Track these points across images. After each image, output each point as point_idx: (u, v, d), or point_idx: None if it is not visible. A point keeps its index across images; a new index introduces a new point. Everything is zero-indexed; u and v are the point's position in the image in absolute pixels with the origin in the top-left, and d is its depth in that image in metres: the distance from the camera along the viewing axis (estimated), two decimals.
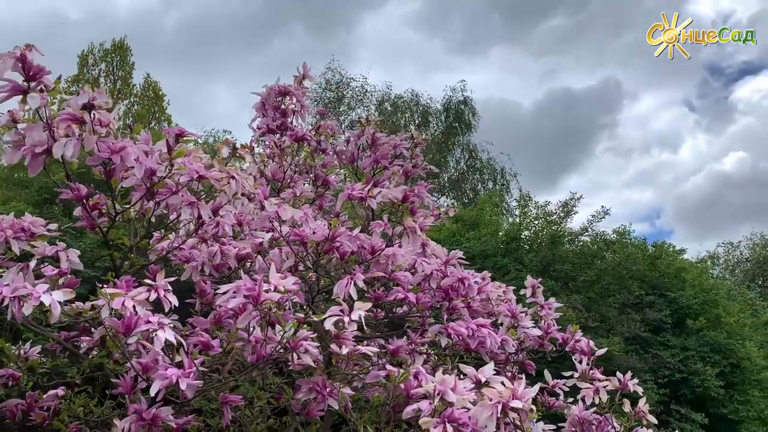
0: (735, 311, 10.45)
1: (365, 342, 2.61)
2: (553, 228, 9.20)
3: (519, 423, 2.08)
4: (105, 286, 2.06)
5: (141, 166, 2.19)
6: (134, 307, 1.97)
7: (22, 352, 2.76)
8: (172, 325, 1.98)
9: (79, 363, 2.71)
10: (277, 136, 3.84)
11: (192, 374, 1.86)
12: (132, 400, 1.99)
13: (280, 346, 2.03)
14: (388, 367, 2.44)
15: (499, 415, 1.99)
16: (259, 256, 2.90)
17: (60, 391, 2.70)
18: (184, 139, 2.58)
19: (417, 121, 23.81)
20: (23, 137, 2.19)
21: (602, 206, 9.67)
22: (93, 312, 2.22)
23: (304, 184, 3.61)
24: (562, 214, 9.61)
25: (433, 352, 3.26)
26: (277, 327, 2.11)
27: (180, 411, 2.06)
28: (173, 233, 2.87)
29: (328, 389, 2.30)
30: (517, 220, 9.69)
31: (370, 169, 3.80)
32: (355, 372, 2.62)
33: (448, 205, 10.52)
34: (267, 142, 3.76)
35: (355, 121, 24.27)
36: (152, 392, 1.80)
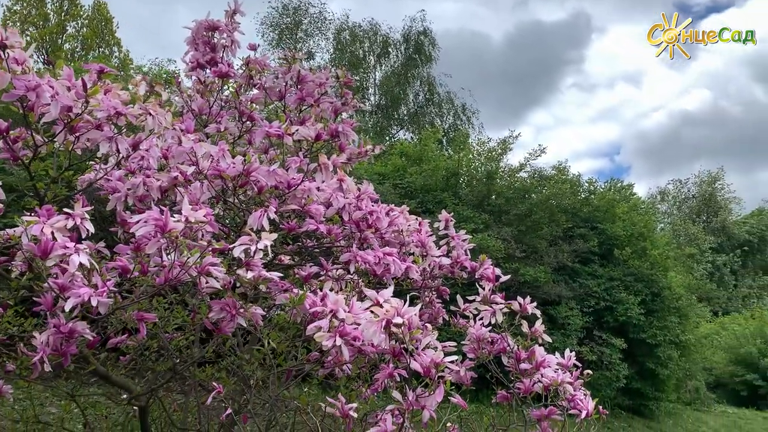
0: (661, 244, 11.11)
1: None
2: (491, 164, 9.54)
3: (402, 336, 2.38)
4: (28, 214, 2.25)
5: (57, 103, 2.34)
6: (52, 233, 2.17)
7: None
8: (88, 251, 2.19)
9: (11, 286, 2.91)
10: (207, 71, 3.95)
11: (104, 293, 2.09)
12: (52, 316, 2.22)
13: (185, 272, 2.27)
14: (294, 290, 2.72)
15: (384, 329, 2.29)
16: (180, 188, 3.09)
17: None
18: (106, 74, 2.72)
19: (376, 52, 23.55)
20: None
21: (539, 145, 10.02)
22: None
23: (229, 119, 3.76)
24: (500, 151, 9.96)
25: (357, 280, 3.54)
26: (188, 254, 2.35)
27: (94, 327, 2.30)
28: (99, 165, 3.02)
29: (236, 309, 2.57)
30: (457, 156, 9.98)
31: (297, 107, 3.95)
32: (266, 295, 2.88)
33: (402, 146, 10.64)
34: (194, 78, 3.87)
35: (313, 51, 23.79)
36: (66, 308, 2.02)
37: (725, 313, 25.44)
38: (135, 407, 3.14)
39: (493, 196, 9.12)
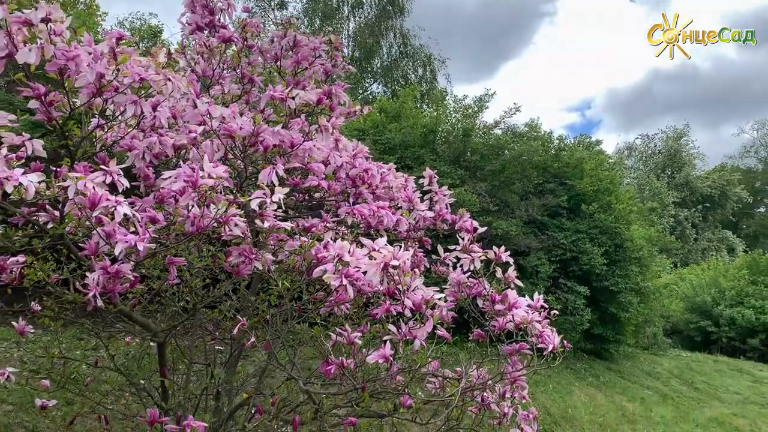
0: (624, 198, 11.69)
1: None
2: (467, 121, 9.87)
3: (397, 277, 2.78)
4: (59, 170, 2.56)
5: (92, 71, 2.61)
6: (93, 187, 2.49)
7: None
8: (126, 203, 2.52)
9: (42, 234, 3.21)
10: (206, 33, 4.18)
11: (146, 239, 2.43)
12: (97, 259, 2.55)
13: (214, 221, 2.61)
14: (302, 238, 3.08)
15: (381, 271, 2.67)
16: (193, 146, 3.39)
17: (21, 258, 3.23)
18: (124, 41, 2.99)
19: (350, 2, 23.35)
20: None
21: (514, 103, 10.35)
22: (51, 191, 2.71)
23: (231, 81, 4.02)
24: (476, 108, 10.29)
25: (346, 230, 3.89)
26: (212, 206, 2.68)
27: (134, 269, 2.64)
28: (115, 125, 3.30)
29: (254, 254, 2.93)
30: (435, 113, 10.27)
31: (292, 69, 4.22)
32: (277, 243, 3.24)
33: (379, 101, 10.84)
34: (196, 40, 4.10)
35: (286, 1, 23.43)
36: (117, 252, 2.36)
37: (685, 265, 26.58)
38: (154, 343, 3.49)
39: (469, 153, 9.48)
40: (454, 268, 4.02)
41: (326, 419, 3.22)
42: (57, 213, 3.20)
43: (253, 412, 3.84)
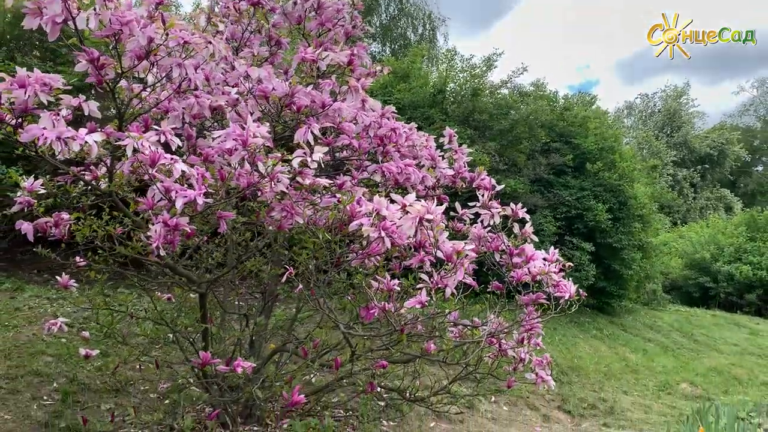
0: (628, 157, 11.86)
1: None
2: (476, 81, 9.95)
3: (431, 230, 2.97)
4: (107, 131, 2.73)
5: (144, 36, 2.76)
6: (149, 146, 2.67)
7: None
8: (181, 161, 2.70)
9: (90, 192, 3.40)
10: None
11: (202, 193, 2.62)
12: (155, 213, 2.74)
13: (260, 176, 2.80)
14: (338, 195, 3.27)
15: (417, 224, 2.87)
16: (230, 107, 3.55)
17: (65, 215, 3.42)
18: (163, 6, 3.13)
19: None
20: (39, 7, 2.69)
21: (522, 63, 10.40)
22: (99, 151, 2.88)
23: (259, 44, 4.15)
24: (484, 68, 10.35)
25: (368, 187, 4.07)
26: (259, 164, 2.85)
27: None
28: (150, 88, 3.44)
29: (295, 209, 3.12)
30: (444, 73, 10.34)
31: (316, 31, 4.34)
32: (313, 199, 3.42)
33: (380, 61, 10.85)
34: (223, 4, 4.21)
35: None
36: (177, 206, 2.55)
37: (684, 224, 26.88)
38: (196, 293, 3.71)
39: (477, 113, 9.59)
40: (471, 224, 4.21)
41: (361, 362, 3.47)
42: (99, 172, 3.40)
43: (290, 354, 4.10)
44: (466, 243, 3.96)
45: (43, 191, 3.52)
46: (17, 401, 4.39)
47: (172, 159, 2.66)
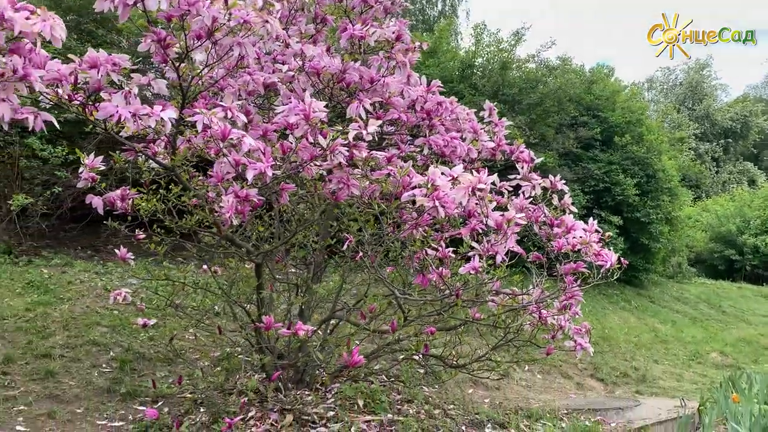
0: (655, 129, 11.81)
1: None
2: (504, 55, 9.96)
3: (482, 199, 3.09)
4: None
5: (209, 15, 2.89)
6: (217, 122, 2.81)
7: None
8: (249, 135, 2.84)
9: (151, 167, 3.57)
10: None
11: (270, 166, 2.76)
12: (224, 186, 2.90)
13: (321, 149, 2.93)
14: (389, 167, 3.39)
15: (469, 194, 2.98)
16: (282, 84, 3.68)
17: (124, 190, 3.59)
18: None
19: None
20: None
21: (550, 37, 10.38)
22: (157, 126, 3.01)
23: (305, 22, 4.25)
24: (512, 42, 10.35)
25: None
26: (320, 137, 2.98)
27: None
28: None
29: (351, 181, 3.25)
30: (472, 47, 10.36)
31: (360, 8, 4.42)
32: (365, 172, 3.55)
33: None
34: None
35: None
36: (248, 178, 2.70)
37: (707, 197, 26.67)
38: (253, 263, 3.88)
39: (507, 87, 9.62)
40: (509, 196, 4.31)
41: (410, 328, 3.62)
42: (157, 149, 3.55)
43: (337, 322, 4.28)
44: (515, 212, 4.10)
45: (102, 167, 3.67)
46: (79, 369, 4.63)
47: (242, 134, 2.81)
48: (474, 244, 3.29)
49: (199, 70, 3.29)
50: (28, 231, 6.91)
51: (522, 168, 4.28)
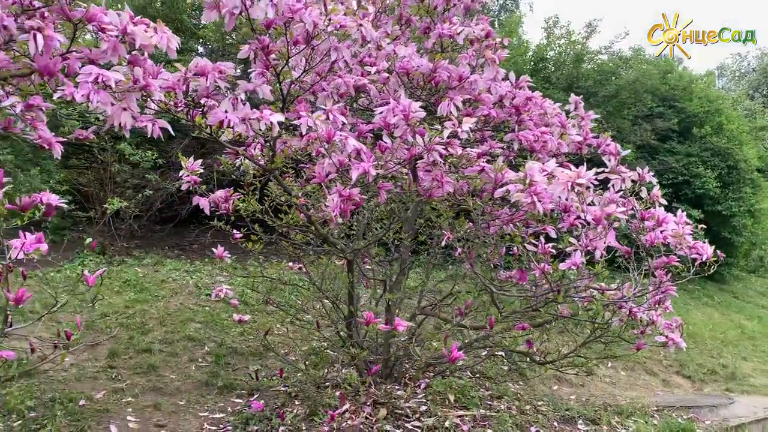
0: (735, 119, 11.33)
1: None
2: (577, 47, 9.77)
3: (582, 194, 3.08)
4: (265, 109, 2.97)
5: (310, 21, 2.99)
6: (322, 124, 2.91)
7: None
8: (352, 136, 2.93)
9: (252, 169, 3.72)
10: None
11: (371, 165, 2.84)
12: (327, 186, 3.00)
13: (421, 148, 2.99)
14: (483, 164, 3.42)
15: (569, 189, 2.97)
16: (372, 85, 3.76)
17: (227, 192, 3.75)
18: None
19: None
20: (217, 1, 2.96)
21: (624, 27, 10.13)
22: (266, 130, 3.14)
23: (392, 24, 4.32)
24: (585, 34, 10.16)
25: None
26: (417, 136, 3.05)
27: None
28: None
29: (444, 178, 3.30)
30: (544, 41, 10.21)
31: (442, 7, 4.46)
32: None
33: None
34: None
35: None
36: (353, 177, 2.79)
37: None
38: (345, 260, 3.99)
39: (581, 79, 9.44)
40: (595, 190, 4.25)
41: (508, 322, 3.64)
42: (253, 152, 3.69)
43: (424, 317, 4.33)
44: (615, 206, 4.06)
45: (201, 170, 3.84)
46: (177, 363, 4.86)
47: (346, 135, 2.90)
48: (572, 240, 3.29)
49: (295, 76, 3.41)
50: (120, 232, 7.27)
51: (609, 161, 4.22)
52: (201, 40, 8.34)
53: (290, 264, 4.79)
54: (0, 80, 2.48)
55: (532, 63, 9.72)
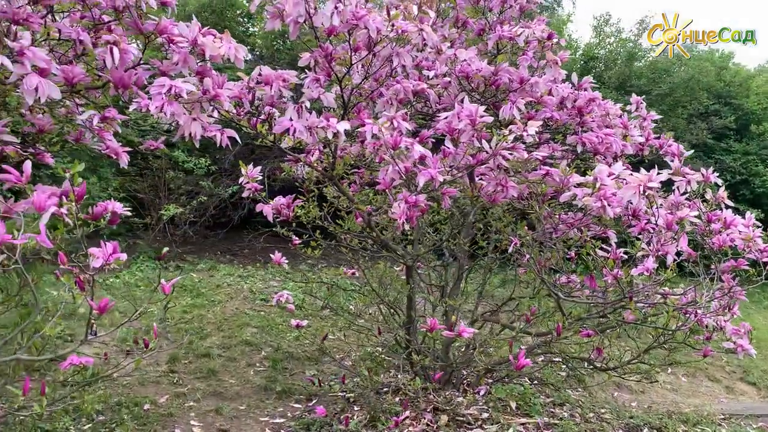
0: None
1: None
2: (629, 45, 9.55)
3: (652, 198, 2.99)
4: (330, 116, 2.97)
5: (374, 28, 2.99)
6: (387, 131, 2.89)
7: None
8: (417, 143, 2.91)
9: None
10: None
11: (439, 172, 2.82)
12: (392, 193, 2.98)
13: (488, 153, 2.95)
14: (547, 167, 3.36)
15: (640, 193, 2.89)
16: (431, 90, 3.73)
17: (290, 199, 3.77)
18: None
19: None
20: (280, 10, 2.98)
21: (691, 20, 9.85)
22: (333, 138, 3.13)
23: (449, 27, 4.29)
24: (636, 31, 9.93)
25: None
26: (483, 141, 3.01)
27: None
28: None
29: (509, 183, 3.25)
30: (594, 39, 10.01)
31: (499, 9, 4.41)
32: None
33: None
34: None
35: None
36: (420, 184, 2.77)
37: None
38: (404, 266, 3.97)
39: (634, 78, 9.23)
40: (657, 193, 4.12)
41: (575, 328, 3.56)
42: (311, 158, 3.70)
43: (482, 323, 4.28)
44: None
45: (259, 177, 3.86)
46: (236, 367, 4.92)
47: (411, 142, 2.88)
48: (644, 245, 3.21)
49: (355, 82, 3.41)
50: (174, 238, 7.42)
51: (672, 162, 4.12)
52: (249, 47, 8.45)
53: (346, 270, 4.80)
54: (73, 92, 2.53)
55: (582, 62, 9.54)
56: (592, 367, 4.30)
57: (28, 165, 1.96)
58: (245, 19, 8.98)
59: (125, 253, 2.11)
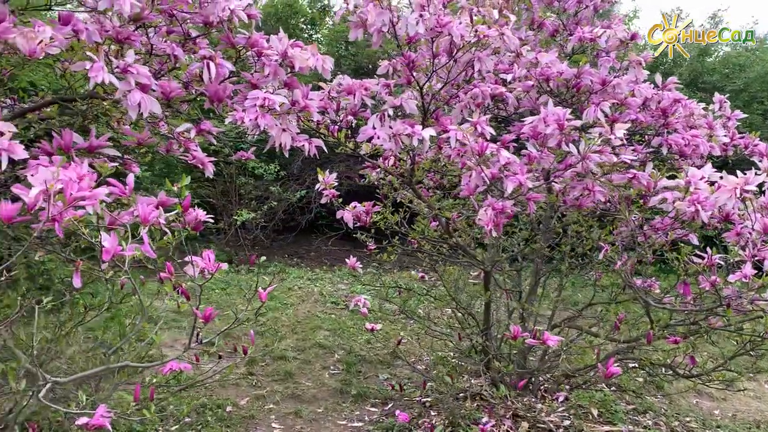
0: None
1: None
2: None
3: (750, 202, 2.88)
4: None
5: (458, 34, 2.98)
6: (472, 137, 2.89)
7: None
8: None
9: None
10: None
11: (528, 177, 2.79)
12: (477, 200, 2.97)
13: (579, 159, 2.91)
14: (634, 170, 3.28)
15: (736, 196, 2.79)
16: (509, 93, 3.70)
17: (367, 206, 3.80)
18: (451, 4, 3.33)
19: None
20: (363, 20, 3.01)
21: (752, 16, 9.47)
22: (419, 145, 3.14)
23: (524, 29, 4.25)
24: (709, 26, 9.58)
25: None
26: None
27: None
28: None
29: (596, 187, 3.20)
30: (667, 35, 9.69)
31: (574, 9, 4.34)
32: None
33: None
34: None
35: None
36: (507, 189, 2.75)
37: None
38: (483, 271, 3.95)
39: (706, 74, 8.91)
40: None
41: (662, 334, 3.46)
42: (386, 164, 3.71)
43: (561, 329, 4.21)
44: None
45: (335, 183, 3.91)
46: (311, 370, 4.99)
47: (497, 148, 2.87)
48: (740, 252, 3.09)
49: (436, 88, 3.42)
50: (245, 242, 7.60)
51: (760, 162, 3.96)
52: None
53: (419, 274, 4.82)
54: (169, 106, 2.62)
55: (652, 58, 9.24)
56: (673, 373, 4.18)
57: (131, 178, 2.04)
58: (308, 26, 9.11)
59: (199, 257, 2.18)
